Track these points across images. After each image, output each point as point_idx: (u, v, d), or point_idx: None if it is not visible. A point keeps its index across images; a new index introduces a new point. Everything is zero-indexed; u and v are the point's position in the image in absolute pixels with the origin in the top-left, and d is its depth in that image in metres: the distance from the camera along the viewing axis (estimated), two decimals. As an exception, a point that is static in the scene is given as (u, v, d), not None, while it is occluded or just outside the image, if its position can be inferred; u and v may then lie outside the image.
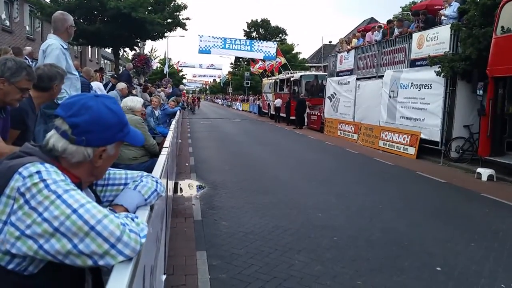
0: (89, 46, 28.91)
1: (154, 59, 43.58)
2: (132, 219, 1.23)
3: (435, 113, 11.56)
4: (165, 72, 38.98)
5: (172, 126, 6.41)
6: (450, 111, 11.26)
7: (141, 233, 1.19)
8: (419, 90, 12.33)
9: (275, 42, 32.71)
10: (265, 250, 4.45)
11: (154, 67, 34.82)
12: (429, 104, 11.84)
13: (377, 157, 11.97)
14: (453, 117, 11.25)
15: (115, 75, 13.54)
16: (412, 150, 12.18)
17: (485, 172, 9.02)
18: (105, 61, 40.88)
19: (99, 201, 1.43)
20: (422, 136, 11.95)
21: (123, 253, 1.13)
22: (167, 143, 3.91)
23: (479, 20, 10.22)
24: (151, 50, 53.76)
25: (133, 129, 1.44)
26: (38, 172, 1.15)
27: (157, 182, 1.61)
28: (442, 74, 10.94)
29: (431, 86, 11.78)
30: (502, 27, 9.16)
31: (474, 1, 10.37)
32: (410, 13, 17.57)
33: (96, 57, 36.82)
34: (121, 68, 25.86)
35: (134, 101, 4.85)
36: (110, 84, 10.98)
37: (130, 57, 27.05)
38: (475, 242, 4.95)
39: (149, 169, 4.31)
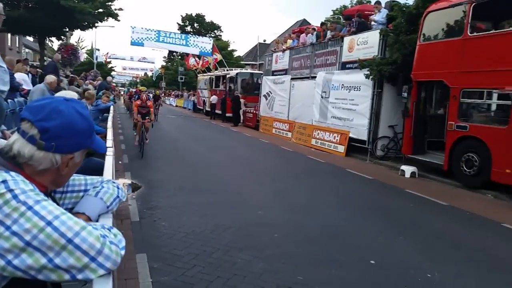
0: (9, 33, 26.70)
1: (81, 49, 41.30)
2: (109, 230, 1.18)
3: (363, 114, 12.22)
4: (94, 62, 37.00)
5: (109, 123, 6.13)
6: (377, 112, 11.96)
7: (120, 245, 1.15)
8: (348, 92, 12.94)
9: (211, 38, 32.45)
10: (207, 250, 4.44)
11: (82, 58, 33.01)
12: (358, 105, 12.49)
13: (310, 155, 12.40)
14: (379, 118, 11.98)
15: (35, 65, 12.51)
16: (341, 148, 12.77)
17: (408, 170, 9.72)
18: (27, 50, 38.03)
19: None
20: (351, 135, 12.58)
21: (104, 267, 1.08)
22: (109, 142, 3.74)
23: (405, 27, 10.96)
24: (78, 40, 50.85)
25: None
26: (4, 182, 1.05)
27: (118, 188, 1.55)
28: (371, 77, 11.57)
29: (360, 88, 12.42)
30: (424, 34, 9.91)
31: (401, 9, 11.11)
32: (341, 17, 18.34)
33: (17, 45, 34.12)
34: (46, 58, 24.15)
35: (69, 96, 4.57)
36: (30, 75, 9.99)
37: (55, 47, 25.43)
38: (402, 236, 5.34)
39: (85, 168, 4.11)
